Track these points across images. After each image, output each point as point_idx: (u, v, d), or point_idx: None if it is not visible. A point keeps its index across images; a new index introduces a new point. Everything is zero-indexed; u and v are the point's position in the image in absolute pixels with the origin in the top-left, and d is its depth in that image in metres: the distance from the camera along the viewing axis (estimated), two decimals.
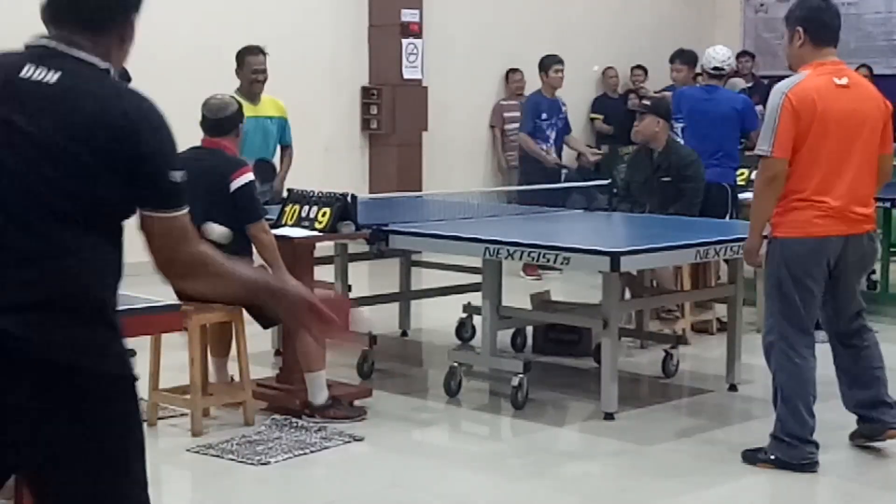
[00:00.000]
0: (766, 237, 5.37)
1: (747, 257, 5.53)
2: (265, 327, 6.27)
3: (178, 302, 4.43)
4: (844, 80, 5.31)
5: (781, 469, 5.30)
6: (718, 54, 8.84)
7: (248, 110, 7.34)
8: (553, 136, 10.78)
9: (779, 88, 5.24)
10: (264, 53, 8.05)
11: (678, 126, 8.90)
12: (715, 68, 8.81)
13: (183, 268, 2.69)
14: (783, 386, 5.32)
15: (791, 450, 5.30)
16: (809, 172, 5.18)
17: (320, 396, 5.98)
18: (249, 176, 5.91)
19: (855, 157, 5.27)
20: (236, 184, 5.84)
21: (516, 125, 13.00)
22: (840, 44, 5.40)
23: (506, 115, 13.00)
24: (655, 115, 7.82)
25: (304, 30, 11.70)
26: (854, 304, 5.48)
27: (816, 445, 5.33)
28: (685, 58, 9.91)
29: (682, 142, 8.48)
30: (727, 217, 8.17)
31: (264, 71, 8.04)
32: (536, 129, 10.70)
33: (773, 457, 5.34)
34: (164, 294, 4.60)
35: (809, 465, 5.30)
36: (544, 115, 10.68)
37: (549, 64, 10.74)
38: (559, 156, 10.95)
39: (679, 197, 7.74)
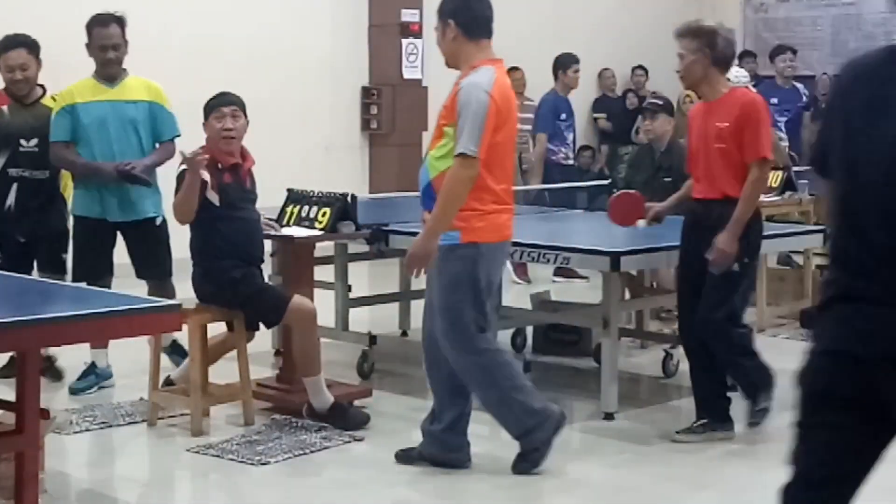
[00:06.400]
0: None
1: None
2: (248, 329, 6.21)
3: (177, 302, 4.43)
4: (508, 80, 5.30)
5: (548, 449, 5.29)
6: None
7: (103, 94, 6.55)
8: (570, 137, 10.78)
9: (479, 86, 5.02)
10: (120, 24, 6.60)
11: None
12: None
13: None
14: (511, 383, 5.26)
15: (544, 429, 5.27)
16: (499, 176, 5.13)
17: (321, 400, 5.96)
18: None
19: (514, 155, 5.42)
20: None
21: (517, 125, 13.01)
22: (840, 44, 5.45)
23: None
24: (668, 115, 7.86)
25: (304, 30, 11.71)
26: None
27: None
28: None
29: None
30: None
31: (116, 46, 6.55)
32: (556, 130, 10.60)
33: (535, 448, 5.28)
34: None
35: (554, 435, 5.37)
36: (563, 116, 10.64)
37: (567, 63, 10.73)
38: (574, 156, 10.97)
39: None
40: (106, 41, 6.52)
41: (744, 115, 5.60)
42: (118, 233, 6.66)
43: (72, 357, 6.50)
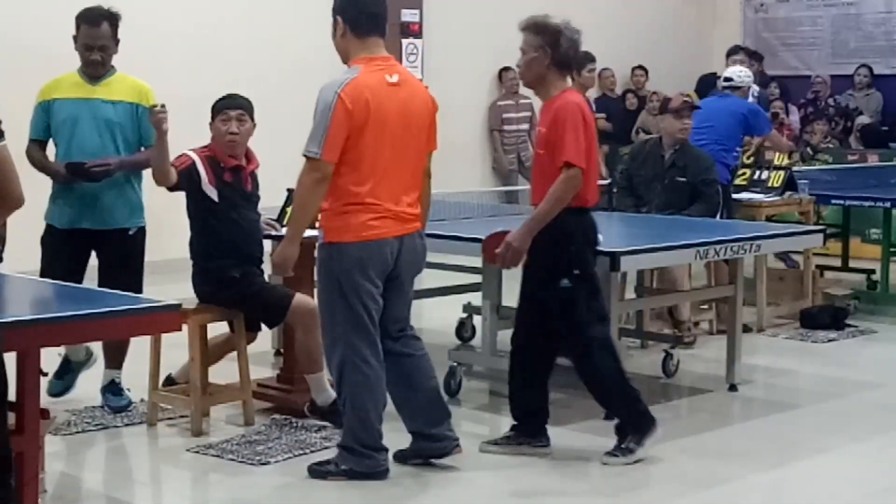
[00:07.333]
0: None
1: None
2: (249, 330, 6.18)
3: (177, 302, 4.42)
4: (395, 78, 5.09)
5: (353, 479, 5.16)
6: (732, 69, 9.43)
7: (83, 91, 6.09)
8: None
9: (330, 86, 4.96)
10: (112, 22, 6.11)
11: None
12: (726, 79, 9.19)
13: None
14: (352, 395, 5.15)
15: (364, 459, 5.17)
16: (362, 176, 4.98)
17: (323, 397, 5.97)
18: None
19: (409, 156, 5.11)
20: None
21: (514, 126, 13.03)
22: (840, 44, 5.39)
23: (504, 116, 13.01)
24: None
25: (304, 30, 11.67)
26: None
27: (387, 451, 5.25)
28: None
29: None
30: (719, 216, 8.16)
31: (103, 47, 6.07)
32: None
33: (343, 468, 5.19)
34: (164, 294, 4.60)
35: (381, 474, 5.19)
36: None
37: (582, 62, 10.62)
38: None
39: (697, 198, 7.73)
40: (92, 41, 6.05)
41: (554, 120, 5.29)
42: (91, 244, 6.17)
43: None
